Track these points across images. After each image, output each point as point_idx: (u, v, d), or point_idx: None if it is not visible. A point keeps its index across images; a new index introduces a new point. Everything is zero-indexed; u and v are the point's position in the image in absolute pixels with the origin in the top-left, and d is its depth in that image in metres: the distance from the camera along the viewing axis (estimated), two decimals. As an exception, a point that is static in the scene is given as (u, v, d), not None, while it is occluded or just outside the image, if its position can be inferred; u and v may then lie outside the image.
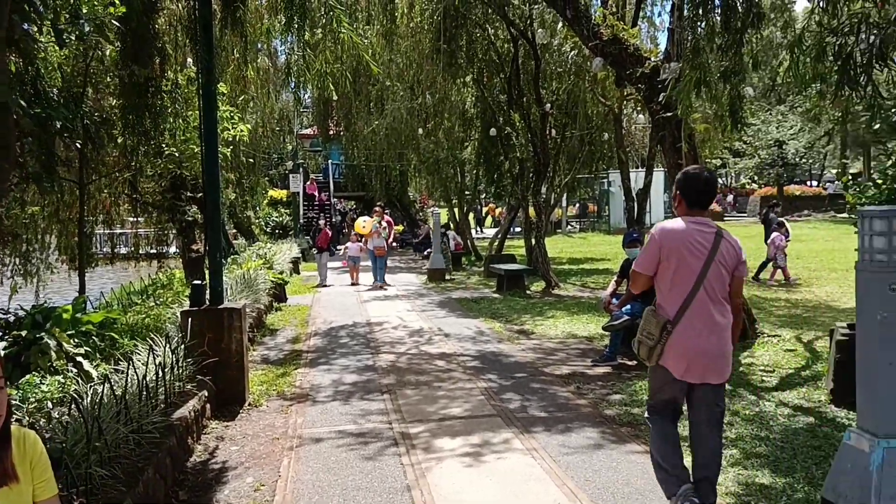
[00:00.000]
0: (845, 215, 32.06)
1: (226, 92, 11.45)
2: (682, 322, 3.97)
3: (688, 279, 3.96)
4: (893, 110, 6.44)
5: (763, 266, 15.68)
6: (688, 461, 4.21)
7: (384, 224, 17.70)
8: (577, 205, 43.77)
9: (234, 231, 26.10)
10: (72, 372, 5.82)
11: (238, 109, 12.12)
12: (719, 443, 4.12)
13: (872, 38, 4.30)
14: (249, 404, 7.07)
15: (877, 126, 6.82)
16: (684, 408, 4.26)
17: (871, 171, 35.69)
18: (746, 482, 4.78)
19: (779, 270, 15.50)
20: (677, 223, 4.07)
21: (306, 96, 26.63)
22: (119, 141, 9.61)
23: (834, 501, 3.87)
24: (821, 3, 4.75)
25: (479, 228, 41.59)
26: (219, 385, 6.80)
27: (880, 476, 3.63)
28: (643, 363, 4.30)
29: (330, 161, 36.25)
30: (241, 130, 10.52)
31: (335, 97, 12.47)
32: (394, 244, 20.70)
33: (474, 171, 24.39)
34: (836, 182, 43.64)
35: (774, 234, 15.42)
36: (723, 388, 4.13)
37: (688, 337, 3.96)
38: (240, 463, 5.50)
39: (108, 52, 9.16)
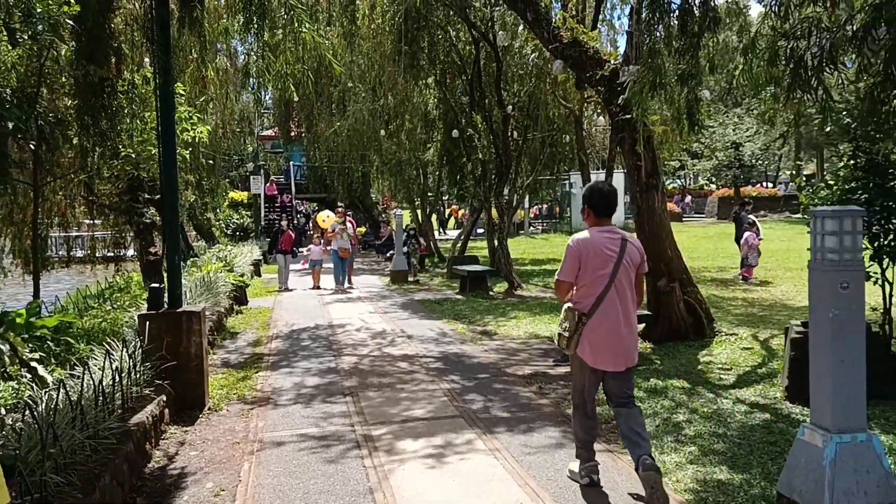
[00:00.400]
0: (799, 216, 32.73)
1: (184, 92, 11.29)
2: (595, 317, 4.58)
3: (601, 281, 4.57)
4: (844, 113, 6.60)
5: (743, 264, 15.99)
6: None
7: (346, 224, 17.59)
8: (545, 206, 43.96)
9: (194, 233, 25.75)
10: (26, 377, 5.69)
11: (197, 110, 11.95)
12: (639, 417, 4.67)
13: (823, 41, 4.40)
14: (209, 408, 6.98)
15: (829, 128, 6.99)
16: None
17: (825, 173, 36.54)
18: (704, 479, 4.85)
19: (751, 269, 15.75)
20: (590, 234, 4.69)
21: (267, 97, 26.42)
22: (74, 142, 9.43)
23: (789, 496, 3.95)
24: (774, 8, 4.85)
25: (442, 230, 41.62)
26: (178, 389, 6.70)
27: (833, 470, 3.71)
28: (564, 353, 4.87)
29: (291, 163, 36.00)
30: (201, 131, 10.39)
31: (296, 98, 12.37)
32: (357, 245, 20.47)
33: (437, 173, 24.42)
34: (791, 183, 44.54)
35: (747, 234, 15.67)
36: (632, 372, 4.77)
37: (600, 331, 4.58)
38: (199, 468, 5.43)
39: (63, 52, 8.98)
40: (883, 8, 3.86)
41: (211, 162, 22.44)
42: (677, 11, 6.71)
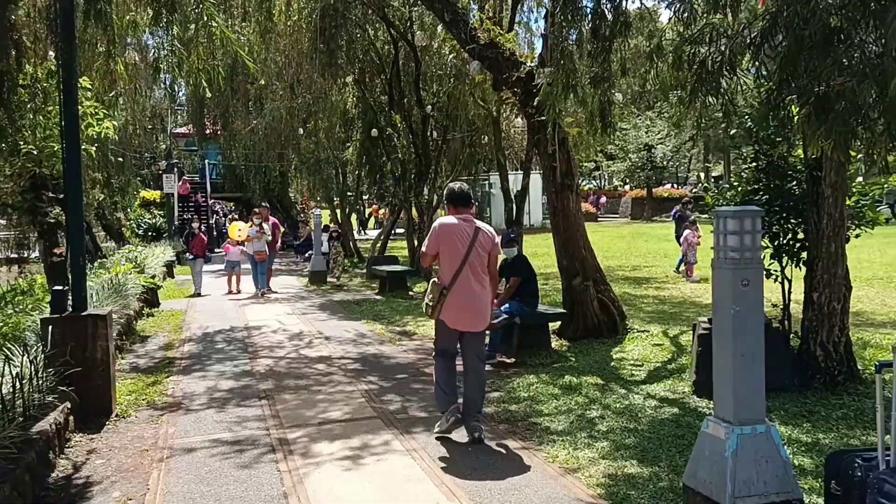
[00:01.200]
0: (706, 216, 33.81)
1: (91, 87, 10.86)
2: (453, 289, 5.67)
3: (457, 259, 5.68)
4: (747, 117, 6.87)
5: (681, 262, 16.38)
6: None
7: (268, 227, 16.71)
8: (475, 204, 44.00)
9: (104, 234, 24.84)
10: (-85, 387, 5.38)
11: (105, 106, 11.51)
12: (482, 375, 5.97)
13: (723, 47, 4.57)
14: (117, 415, 6.74)
15: (733, 132, 7.27)
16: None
17: (731, 175, 37.96)
18: (615, 473, 4.97)
19: (692, 265, 16.13)
20: (451, 219, 5.84)
21: (181, 94, 25.75)
22: (-27, 138, 8.97)
23: (694, 487, 4.08)
24: (680, 15, 5.02)
25: (362, 230, 41.40)
26: (83, 396, 6.43)
27: (735, 461, 3.84)
28: (431, 319, 6.01)
29: (206, 161, 35.10)
30: (107, 127, 10.01)
31: (209, 95, 12.07)
32: (279, 249, 19.32)
33: (356, 172, 24.27)
34: (699, 185, 46.11)
35: (687, 232, 16.04)
36: (483, 335, 6.04)
37: (457, 299, 5.68)
38: (105, 477, 5.23)
39: (-43, 44, 8.52)
40: (778, 16, 4.04)
41: (121, 159, 21.71)
42: (590, 15, 6.85)
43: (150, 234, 26.54)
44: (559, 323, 9.63)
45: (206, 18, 7.38)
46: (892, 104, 3.52)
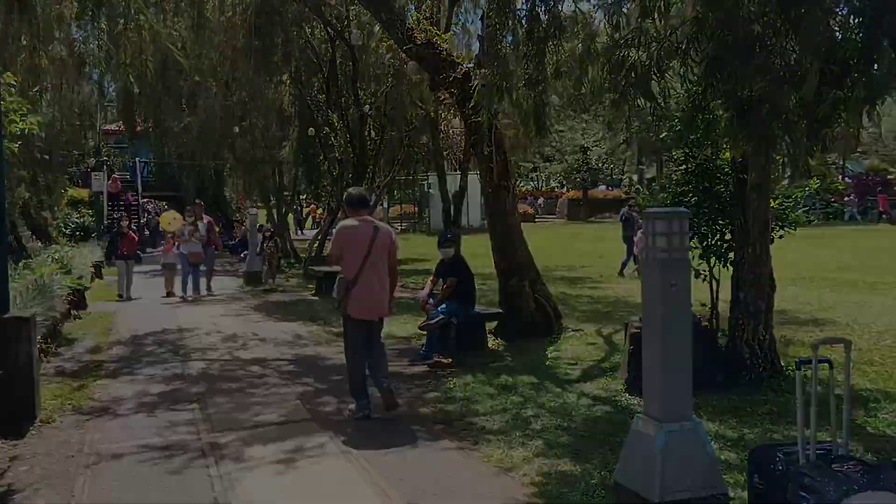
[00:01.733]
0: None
1: (15, 83, 10.47)
2: (357, 285, 6.28)
3: (359, 257, 6.25)
4: (676, 120, 7.03)
5: (625, 262, 16.57)
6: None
7: (202, 225, 15.93)
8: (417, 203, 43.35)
9: (29, 233, 23.97)
10: None
11: (29, 101, 11.09)
12: (383, 353, 6.73)
13: (652, 51, 4.67)
14: (41, 421, 6.50)
15: (663, 134, 7.43)
16: None
17: (663, 177, 38.84)
18: (549, 471, 5.01)
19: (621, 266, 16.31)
20: (351, 222, 6.43)
21: (111, 89, 25.05)
22: None
23: (624, 484, 4.15)
24: (611, 18, 5.11)
25: (299, 230, 40.94)
26: (5, 401, 6.20)
27: (663, 457, 3.92)
28: (341, 313, 6.63)
29: (137, 159, 34.19)
30: (32, 123, 9.65)
31: (137, 90, 11.77)
32: (217, 248, 17.89)
33: (293, 171, 24.00)
34: (631, 187, 47.00)
35: (641, 232, 16.19)
36: (382, 322, 6.70)
37: (360, 293, 6.30)
38: (29, 485, 5.04)
39: None
40: (704, 21, 4.15)
41: (47, 157, 21.01)
42: (525, 18, 6.91)
43: (78, 233, 25.74)
44: (496, 323, 9.69)
45: (133, 12, 7.18)
46: (810, 110, 3.65)
